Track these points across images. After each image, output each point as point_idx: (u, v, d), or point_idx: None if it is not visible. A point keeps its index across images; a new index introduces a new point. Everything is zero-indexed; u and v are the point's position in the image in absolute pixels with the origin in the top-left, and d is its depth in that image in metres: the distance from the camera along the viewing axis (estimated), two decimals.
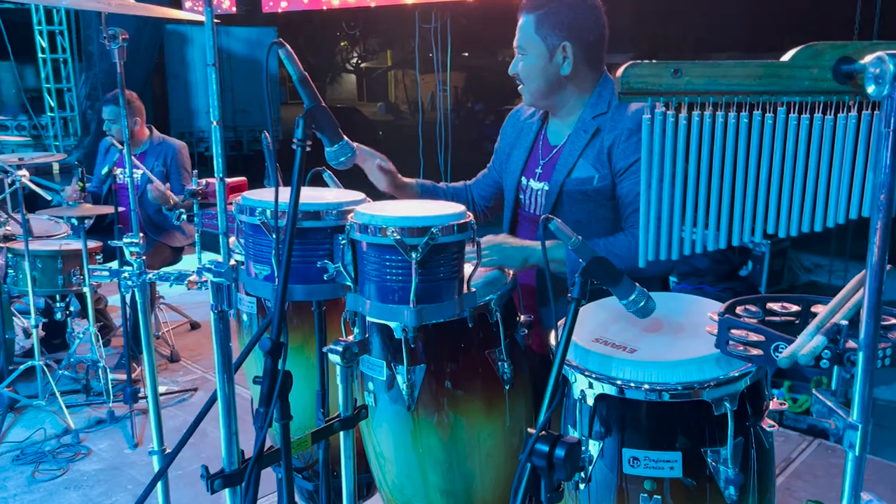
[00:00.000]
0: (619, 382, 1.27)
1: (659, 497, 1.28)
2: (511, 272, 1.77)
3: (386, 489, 1.83)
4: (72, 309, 3.80)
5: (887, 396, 3.79)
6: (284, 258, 1.23)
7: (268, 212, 1.41)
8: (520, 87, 1.94)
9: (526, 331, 1.76)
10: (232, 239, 1.46)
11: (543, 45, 1.84)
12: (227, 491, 1.45)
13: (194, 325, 4.70)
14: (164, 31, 9.23)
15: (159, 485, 2.12)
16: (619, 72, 1.03)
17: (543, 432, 1.14)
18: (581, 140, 1.88)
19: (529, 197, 2.02)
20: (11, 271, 3.61)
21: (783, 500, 2.81)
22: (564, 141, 1.93)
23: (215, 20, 1.15)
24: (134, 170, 4.02)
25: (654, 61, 1.01)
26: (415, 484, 1.75)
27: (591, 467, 1.33)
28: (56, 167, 6.81)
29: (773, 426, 1.30)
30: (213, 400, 1.31)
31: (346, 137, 1.38)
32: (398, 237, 1.28)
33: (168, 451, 2.06)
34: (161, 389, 3.71)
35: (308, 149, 1.30)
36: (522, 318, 1.79)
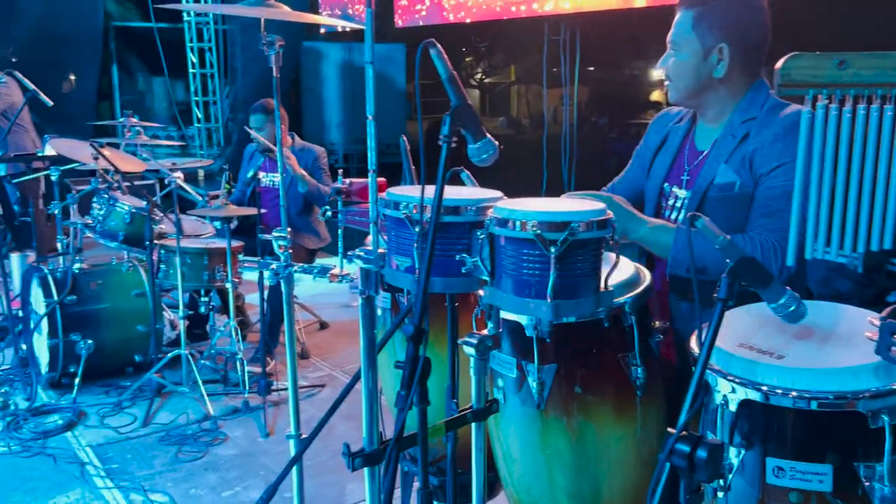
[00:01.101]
0: (764, 388, 1.23)
1: None
2: (648, 275, 1.74)
3: (512, 489, 1.84)
4: (214, 304, 4.07)
5: None
6: (428, 247, 1.28)
7: (411, 205, 1.46)
8: (665, 84, 1.89)
9: (661, 337, 1.73)
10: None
11: (699, 43, 1.78)
12: (365, 476, 1.51)
13: (324, 325, 4.91)
14: (300, 47, 9.74)
15: (294, 468, 2.24)
16: (780, 63, 1.00)
17: (684, 433, 1.12)
18: (728, 145, 1.82)
19: (671, 204, 1.97)
20: (163, 266, 3.91)
21: None
22: (711, 146, 1.87)
23: (345, 27, 1.22)
24: (275, 174, 4.29)
25: (816, 52, 0.98)
26: (541, 485, 1.75)
27: (731, 475, 1.28)
28: (201, 174, 7.33)
29: None
30: (356, 379, 1.37)
31: (489, 135, 1.41)
32: (538, 231, 1.30)
33: (304, 436, 2.16)
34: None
35: (453, 145, 1.34)
36: (658, 323, 1.76)
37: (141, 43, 9.90)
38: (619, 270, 1.73)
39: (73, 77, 8.22)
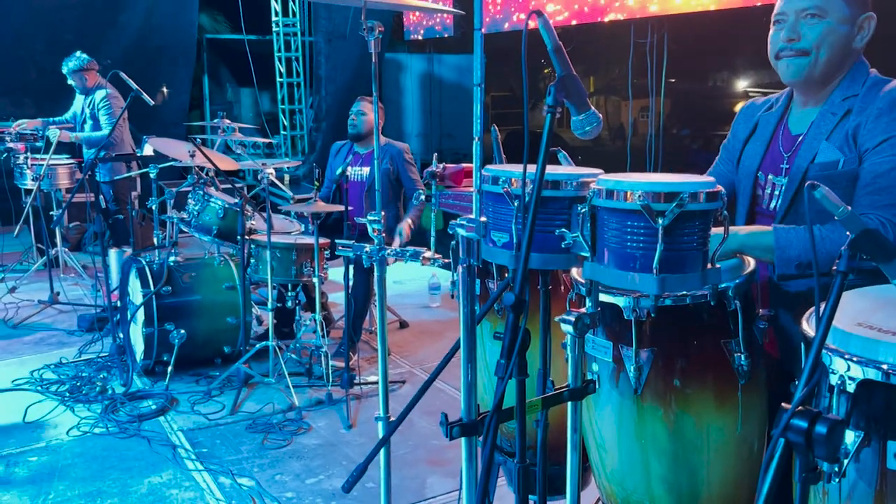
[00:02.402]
0: (885, 367, 1.16)
1: None
2: (752, 262, 1.68)
3: (604, 479, 1.80)
4: (300, 300, 4.17)
5: None
6: (530, 217, 1.27)
7: (510, 180, 1.46)
8: (787, 58, 1.75)
9: (766, 325, 1.67)
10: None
11: (848, 10, 1.69)
12: (462, 447, 1.51)
13: (403, 325, 4.95)
14: (383, 58, 9.94)
15: (381, 455, 2.26)
16: None
17: (801, 408, 1.08)
18: (828, 123, 1.74)
19: (769, 193, 1.89)
20: (253, 261, 4.03)
21: None
22: (808, 127, 1.80)
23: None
24: (361, 167, 4.38)
25: None
26: (636, 475, 1.71)
27: (847, 460, 1.22)
28: (286, 179, 7.54)
29: None
30: (455, 349, 1.38)
31: (592, 107, 1.40)
32: (645, 202, 1.28)
33: (392, 419, 2.18)
34: (372, 379, 3.96)
35: (558, 115, 1.34)
36: (762, 311, 1.70)
37: (231, 54, 10.30)
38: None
39: (165, 90, 8.63)
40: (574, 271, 1.70)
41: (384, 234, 2.06)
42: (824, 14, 1.70)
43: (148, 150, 4.79)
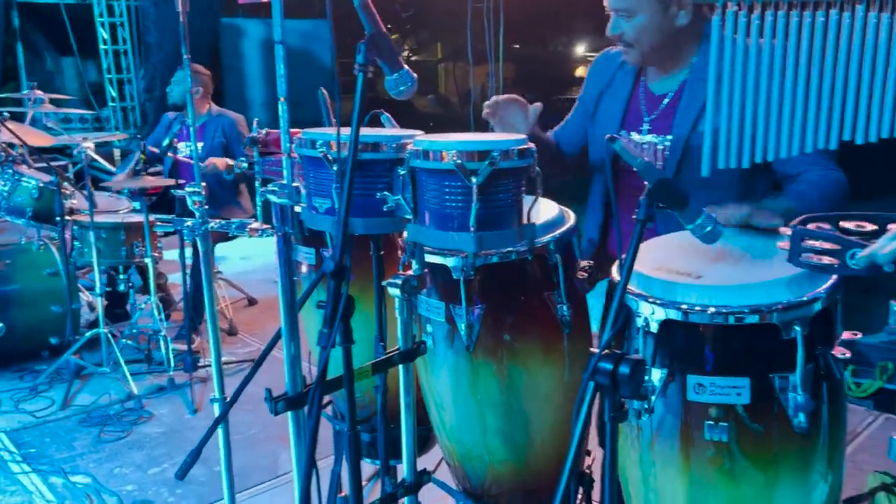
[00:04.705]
0: (684, 307, 1.25)
1: (725, 425, 1.25)
2: (573, 215, 1.75)
3: (445, 438, 1.83)
4: (133, 283, 3.92)
5: None
6: (347, 180, 1.24)
7: (328, 143, 1.42)
8: (620, 48, 1.84)
9: (585, 275, 1.74)
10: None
11: (657, 2, 1.73)
12: (290, 421, 1.47)
13: (251, 301, 4.80)
14: (219, 24, 9.42)
15: (221, 437, 2.18)
16: None
17: (606, 351, 1.13)
18: (700, 89, 1.74)
19: (637, 151, 1.92)
20: (77, 243, 3.73)
21: (849, 472, 2.71)
22: (678, 91, 1.84)
23: None
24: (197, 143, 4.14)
25: None
26: (473, 429, 1.74)
27: (654, 396, 1.30)
28: (117, 154, 7.02)
29: (846, 353, 1.26)
30: (277, 338, 1.33)
31: (406, 66, 1.38)
32: (459, 161, 1.28)
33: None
34: (224, 358, 3.81)
35: (370, 75, 1.31)
36: (583, 263, 1.77)
37: (47, 20, 9.37)
38: (544, 211, 1.74)
39: None
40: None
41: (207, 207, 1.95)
42: (633, 13, 1.75)
43: None
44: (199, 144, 4.16)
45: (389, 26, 1.36)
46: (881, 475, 2.55)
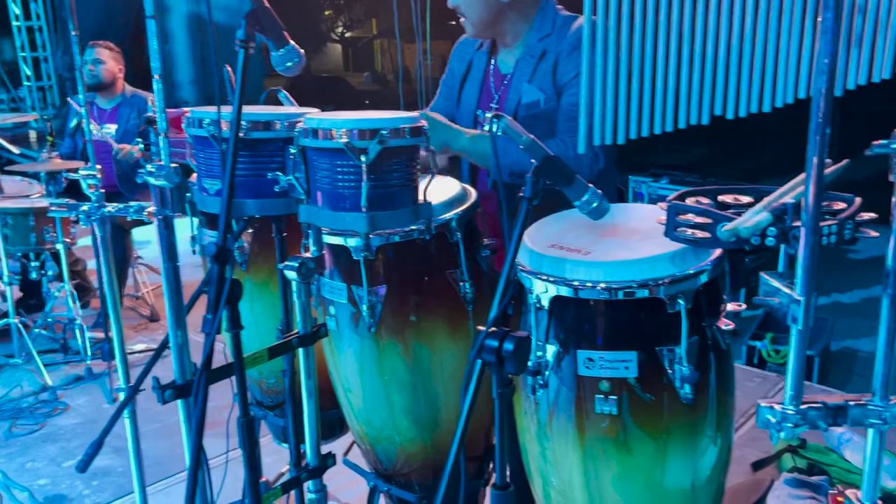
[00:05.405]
0: (575, 283, 1.25)
1: (615, 398, 1.27)
2: (474, 193, 1.74)
3: (355, 420, 1.82)
4: (48, 271, 3.77)
5: None
6: (230, 161, 1.20)
7: (222, 122, 1.37)
8: (462, 21, 1.88)
9: (489, 253, 1.74)
10: None
11: None
12: (180, 410, 1.44)
13: None
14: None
15: (129, 425, 2.12)
16: None
17: (493, 329, 1.13)
18: (529, 65, 1.84)
19: (486, 129, 1.96)
20: None
21: (758, 435, 2.82)
22: (514, 67, 1.89)
23: None
24: (108, 125, 3.97)
25: None
26: (381, 410, 1.74)
27: (548, 371, 1.31)
28: (33, 135, 6.72)
29: (730, 325, 1.29)
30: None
31: (292, 42, 1.34)
32: (347, 140, 1.25)
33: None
34: (139, 347, 3.71)
35: (252, 51, 1.26)
36: (486, 240, 1.77)
37: None
38: (445, 189, 1.73)
39: None
40: None
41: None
42: None
43: None
44: (113, 127, 4.00)
45: (324, 1, 1.32)
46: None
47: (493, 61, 1.96)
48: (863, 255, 5.26)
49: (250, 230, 1.92)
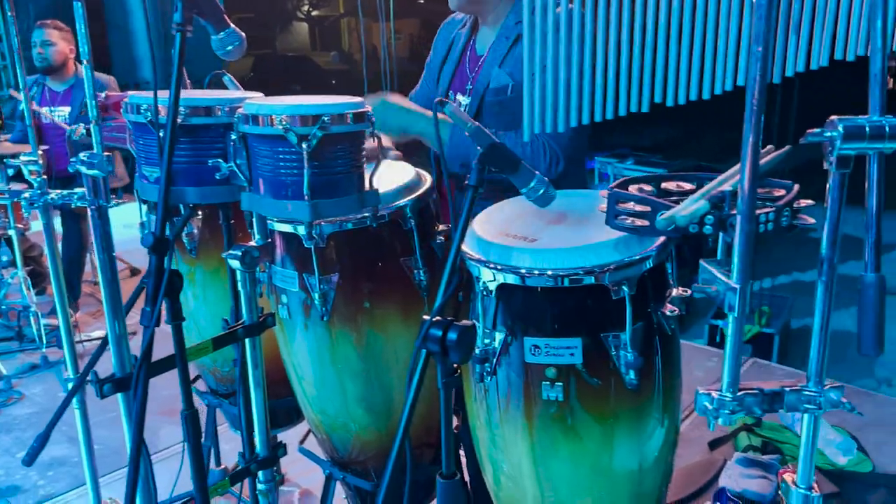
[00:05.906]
0: (522, 271, 1.25)
1: (561, 384, 1.27)
2: (429, 178, 1.72)
3: (309, 409, 1.80)
4: (1, 257, 3.68)
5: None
6: (167, 147, 1.17)
7: (160, 108, 1.33)
8: None
9: (444, 239, 1.73)
10: None
11: None
12: (120, 405, 1.42)
13: (134, 272, 4.60)
14: None
15: (78, 414, 2.08)
16: None
17: (437, 318, 1.12)
18: (502, 48, 1.80)
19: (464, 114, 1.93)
20: None
21: None
22: (488, 50, 1.86)
23: None
24: (61, 108, 3.86)
25: None
26: (335, 399, 1.72)
27: (495, 359, 1.31)
28: None
29: (675, 311, 1.29)
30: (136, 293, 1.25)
31: (232, 25, 1.30)
32: (288, 126, 1.23)
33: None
34: (97, 335, 3.65)
35: (189, 34, 1.23)
36: (441, 227, 1.75)
37: None
38: (399, 175, 1.70)
39: None
40: None
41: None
42: None
43: None
44: (67, 110, 3.90)
45: None
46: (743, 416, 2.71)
47: (472, 42, 1.92)
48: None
49: (199, 216, 1.88)
